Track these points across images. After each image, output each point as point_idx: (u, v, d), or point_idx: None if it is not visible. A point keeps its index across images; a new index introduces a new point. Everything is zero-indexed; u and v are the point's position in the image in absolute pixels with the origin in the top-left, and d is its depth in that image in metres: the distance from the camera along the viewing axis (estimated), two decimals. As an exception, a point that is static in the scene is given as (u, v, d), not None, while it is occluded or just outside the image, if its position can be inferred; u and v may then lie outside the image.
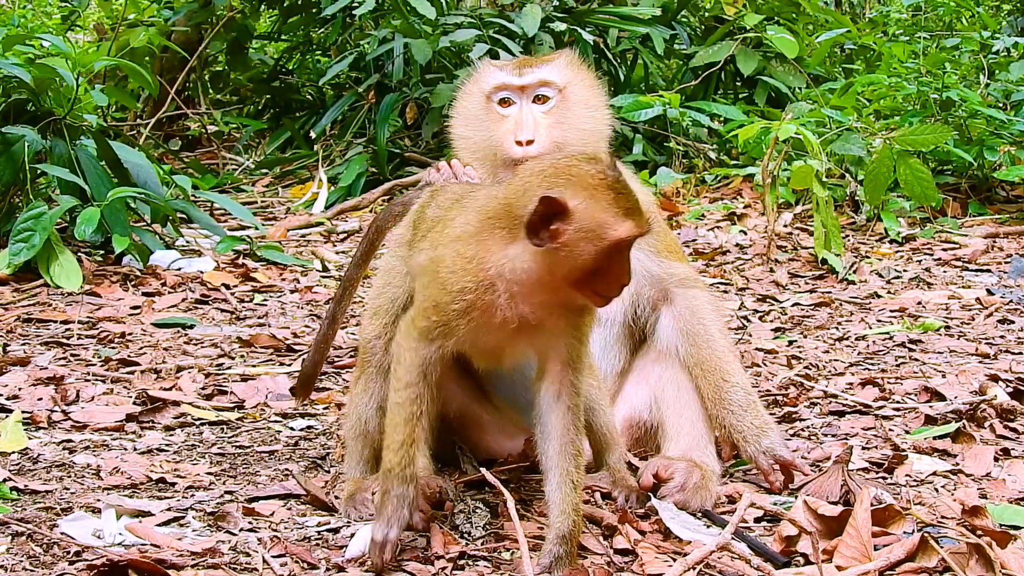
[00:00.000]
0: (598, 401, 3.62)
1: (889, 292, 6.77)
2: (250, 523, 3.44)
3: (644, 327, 3.97)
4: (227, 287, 6.67)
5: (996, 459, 3.98)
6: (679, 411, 3.83)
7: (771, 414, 3.96)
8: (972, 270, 7.30)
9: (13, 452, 3.99)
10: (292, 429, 4.42)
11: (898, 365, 5.32)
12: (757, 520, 3.49)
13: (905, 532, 3.26)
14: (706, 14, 12.19)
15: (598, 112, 4.03)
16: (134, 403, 4.61)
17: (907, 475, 3.84)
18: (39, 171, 6.96)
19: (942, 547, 3.08)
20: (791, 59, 10.52)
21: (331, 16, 11.29)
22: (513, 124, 3.91)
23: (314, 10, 11.92)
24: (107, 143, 7.29)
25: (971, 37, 10.45)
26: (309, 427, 4.44)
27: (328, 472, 3.91)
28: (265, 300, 6.56)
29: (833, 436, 4.31)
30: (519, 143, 3.86)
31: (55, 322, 5.83)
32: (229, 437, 4.31)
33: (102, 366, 5.14)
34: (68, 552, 3.14)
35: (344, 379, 5.10)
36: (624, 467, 3.66)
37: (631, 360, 3.98)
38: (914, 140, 7.60)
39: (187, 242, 7.70)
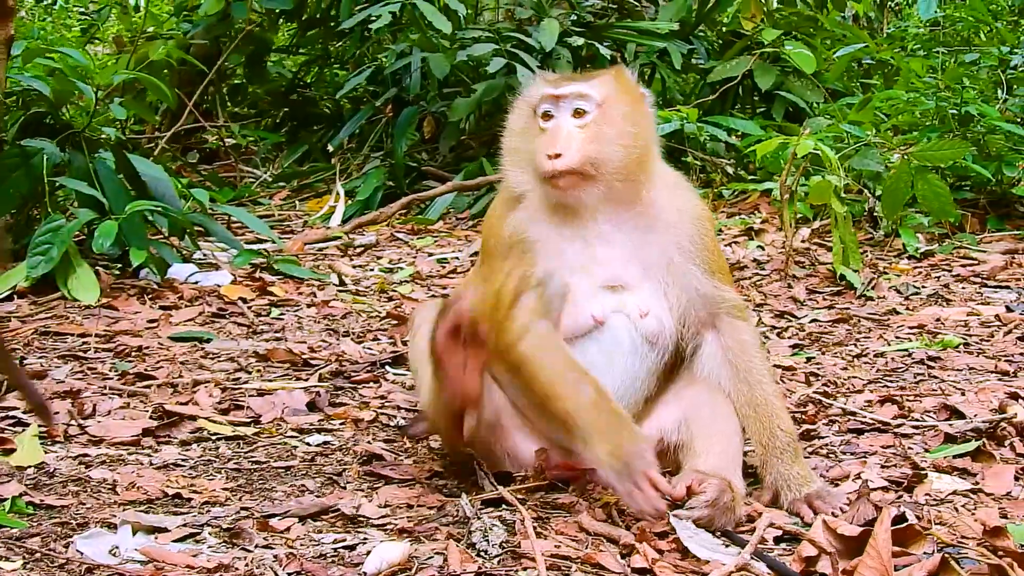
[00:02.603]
0: None
1: (907, 308, 6.72)
2: (265, 539, 3.42)
3: (683, 350, 3.93)
4: (244, 301, 6.67)
5: (1016, 478, 3.94)
6: (711, 432, 3.78)
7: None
8: (991, 286, 7.25)
9: (29, 467, 3.99)
10: (308, 444, 4.41)
11: (917, 382, 5.28)
12: (777, 540, 3.46)
13: (925, 553, 3.23)
14: (724, 29, 12.18)
15: (640, 130, 3.91)
16: (150, 417, 4.60)
17: (927, 494, 3.81)
18: (57, 184, 6.97)
19: (963, 568, 3.05)
20: (809, 74, 10.48)
21: (349, 30, 11.30)
22: (548, 138, 3.83)
23: (332, 24, 11.94)
24: (125, 156, 7.29)
25: (990, 52, 10.40)
26: (325, 442, 4.42)
27: (344, 488, 3.90)
28: (282, 314, 6.55)
29: (852, 454, 4.27)
30: (549, 156, 3.78)
31: (72, 335, 5.83)
32: (245, 452, 4.30)
33: (119, 380, 5.13)
34: (82, 569, 3.14)
35: (361, 394, 5.09)
36: None
37: (665, 385, 3.95)
38: (932, 155, 7.56)
39: (204, 255, 7.70)
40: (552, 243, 3.86)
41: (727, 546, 3.42)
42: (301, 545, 3.40)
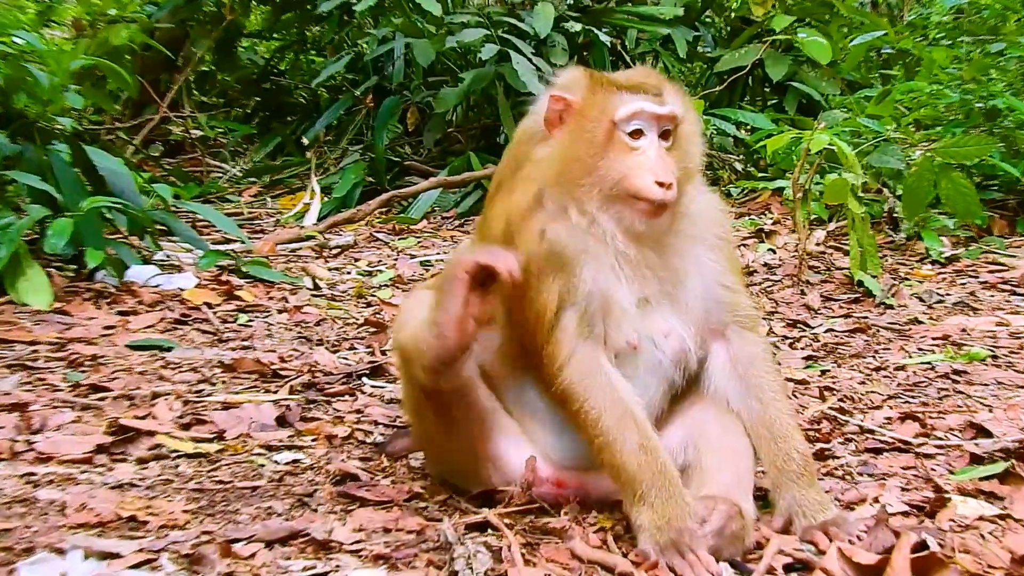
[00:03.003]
0: None
1: (931, 318, 6.71)
2: (229, 566, 3.38)
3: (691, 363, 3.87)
4: (209, 306, 6.64)
5: (1048, 503, 3.93)
6: (721, 451, 3.74)
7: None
8: (1021, 294, 7.25)
9: (-29, 486, 3.96)
10: (277, 463, 4.37)
11: (941, 398, 5.27)
12: (787, 569, 3.42)
13: (949, 583, 3.20)
14: (732, 15, 12.20)
15: (700, 147, 3.87)
16: (104, 433, 4.55)
17: (950, 519, 3.78)
18: (8, 178, 6.94)
19: (990, 601, 3.03)
20: (824, 64, 10.50)
21: (327, 13, 11.30)
22: (651, 162, 3.65)
23: (309, 6, 11.93)
24: (82, 148, 7.26)
25: (1018, 42, 10.43)
26: (295, 461, 4.39)
27: (315, 511, 3.86)
28: (250, 321, 6.53)
29: (869, 475, 4.25)
30: (661, 184, 3.62)
31: (21, 343, 5.79)
32: (208, 471, 4.26)
33: (71, 392, 5.09)
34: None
35: (335, 408, 5.05)
36: None
37: (672, 401, 3.90)
38: (957, 152, 7.56)
39: (167, 256, 7.67)
40: (592, 258, 3.73)
41: (733, 576, 3.39)
42: (267, 573, 3.36)
